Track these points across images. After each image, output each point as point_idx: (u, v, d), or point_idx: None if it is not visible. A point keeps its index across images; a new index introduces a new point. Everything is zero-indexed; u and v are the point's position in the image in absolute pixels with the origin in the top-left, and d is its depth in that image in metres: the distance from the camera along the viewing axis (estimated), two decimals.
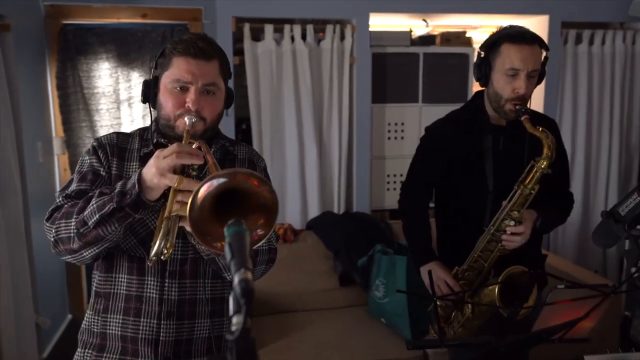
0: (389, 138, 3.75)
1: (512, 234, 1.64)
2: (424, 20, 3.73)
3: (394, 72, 3.67)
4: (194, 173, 1.17)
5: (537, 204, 1.67)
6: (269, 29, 3.34)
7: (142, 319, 1.30)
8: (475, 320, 1.69)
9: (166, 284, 1.31)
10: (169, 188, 1.14)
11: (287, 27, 3.36)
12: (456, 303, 1.74)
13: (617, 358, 1.16)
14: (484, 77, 1.76)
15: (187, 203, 1.09)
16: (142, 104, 3.56)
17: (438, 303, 1.81)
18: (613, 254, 3.91)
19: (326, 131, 3.55)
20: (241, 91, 3.51)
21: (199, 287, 1.34)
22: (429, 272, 1.44)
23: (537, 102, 3.76)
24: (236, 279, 0.62)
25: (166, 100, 1.30)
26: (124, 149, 1.37)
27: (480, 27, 4.00)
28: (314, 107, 3.45)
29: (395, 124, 3.75)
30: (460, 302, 1.72)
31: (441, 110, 3.78)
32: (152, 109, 1.39)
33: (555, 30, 3.67)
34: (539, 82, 1.73)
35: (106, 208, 1.15)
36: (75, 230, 1.19)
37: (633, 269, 1.20)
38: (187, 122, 1.27)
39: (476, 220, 1.77)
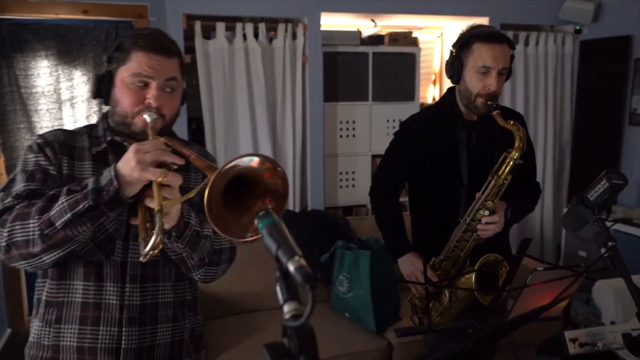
0: (340, 136, 3.80)
1: (487, 223, 1.72)
2: (372, 21, 3.81)
3: (345, 71, 3.72)
4: (175, 167, 1.13)
5: (508, 194, 1.76)
6: (220, 27, 3.29)
7: (101, 327, 1.23)
8: (453, 308, 1.76)
9: (127, 289, 1.25)
10: (149, 184, 1.10)
11: (239, 25, 3.33)
12: (434, 293, 1.80)
13: (593, 332, 1.25)
14: (456, 74, 1.83)
15: (169, 199, 1.08)
16: (86, 104, 3.44)
17: (416, 295, 1.87)
18: (550, 242, 4.17)
19: (280, 130, 3.54)
20: (191, 90, 3.43)
21: (160, 290, 1.30)
22: (424, 262, 1.48)
23: None
24: (292, 268, 0.63)
25: (123, 95, 1.25)
26: (72, 147, 1.29)
27: (425, 28, 4.14)
28: (267, 106, 3.44)
29: (347, 122, 3.80)
30: (438, 292, 1.78)
31: (390, 109, 3.91)
32: (103, 105, 1.32)
33: None
34: (506, 79, 1.83)
35: (80, 206, 1.08)
36: (38, 232, 1.10)
37: (603, 250, 1.29)
38: (148, 118, 1.23)
39: (451, 213, 1.84)
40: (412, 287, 1.88)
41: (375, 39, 3.80)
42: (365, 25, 3.89)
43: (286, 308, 0.63)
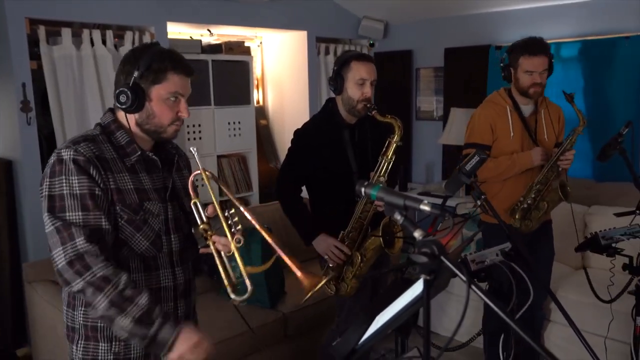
0: (188, 139, 3.99)
1: None
2: (209, 30, 4.09)
3: None
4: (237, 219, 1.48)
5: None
6: (66, 32, 3.20)
7: (162, 304, 1.52)
8: (364, 267, 2.27)
9: (177, 271, 1.58)
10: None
11: (85, 32, 3.28)
12: (347, 260, 2.28)
13: (481, 254, 1.87)
14: (339, 87, 2.34)
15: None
16: None
17: (330, 265, 2.32)
18: None
19: None
20: (38, 98, 3.24)
21: (189, 269, 1.65)
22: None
23: (302, 99, 4.56)
24: (427, 208, 1.03)
25: (162, 109, 1.49)
26: (106, 160, 1.45)
27: (255, 38, 4.57)
28: None
29: (193, 126, 4.01)
30: (350, 257, 2.27)
31: (230, 112, 4.27)
32: (127, 113, 1.49)
33: (312, 43, 4.51)
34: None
35: (134, 340, 1.35)
36: (99, 311, 1.34)
37: (478, 202, 1.94)
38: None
39: (347, 195, 2.32)
40: (327, 259, 2.32)
41: (214, 48, 4.09)
42: (197, 34, 4.15)
43: (417, 233, 1.04)
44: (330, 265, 2.32)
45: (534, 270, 1.83)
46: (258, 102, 4.89)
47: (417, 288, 1.23)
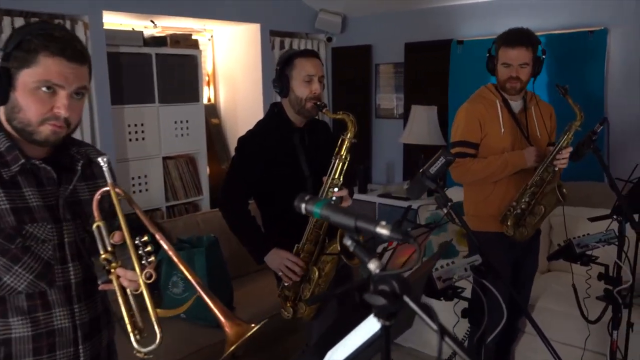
0: (130, 140, 3.66)
1: (338, 197, 2.02)
2: (152, 22, 3.77)
3: (129, 72, 3.59)
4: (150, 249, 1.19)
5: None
6: None
7: (57, 352, 1.25)
8: (323, 283, 2.02)
9: (76, 309, 1.27)
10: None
11: (7, 20, 2.92)
12: (303, 276, 2.03)
13: (448, 269, 1.65)
14: (285, 88, 2.10)
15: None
16: None
17: (285, 284, 2.07)
18: None
19: None
20: None
21: (97, 303, 1.35)
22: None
23: (256, 96, 4.29)
24: (386, 231, 0.78)
25: (28, 102, 1.16)
26: None
27: (203, 31, 4.25)
28: None
29: (135, 125, 3.68)
30: (306, 273, 2.02)
31: (178, 110, 3.95)
32: None
33: (266, 37, 4.24)
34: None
35: None
36: None
37: (444, 209, 1.73)
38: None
39: None
40: (282, 277, 2.06)
41: (158, 40, 3.77)
42: (140, 25, 3.82)
43: (372, 265, 0.80)
44: (286, 284, 2.07)
45: (509, 288, 1.62)
46: (209, 99, 4.59)
47: (372, 323, 0.99)
